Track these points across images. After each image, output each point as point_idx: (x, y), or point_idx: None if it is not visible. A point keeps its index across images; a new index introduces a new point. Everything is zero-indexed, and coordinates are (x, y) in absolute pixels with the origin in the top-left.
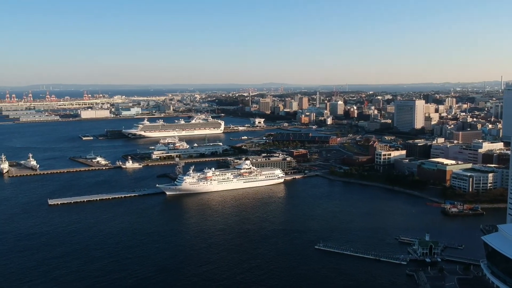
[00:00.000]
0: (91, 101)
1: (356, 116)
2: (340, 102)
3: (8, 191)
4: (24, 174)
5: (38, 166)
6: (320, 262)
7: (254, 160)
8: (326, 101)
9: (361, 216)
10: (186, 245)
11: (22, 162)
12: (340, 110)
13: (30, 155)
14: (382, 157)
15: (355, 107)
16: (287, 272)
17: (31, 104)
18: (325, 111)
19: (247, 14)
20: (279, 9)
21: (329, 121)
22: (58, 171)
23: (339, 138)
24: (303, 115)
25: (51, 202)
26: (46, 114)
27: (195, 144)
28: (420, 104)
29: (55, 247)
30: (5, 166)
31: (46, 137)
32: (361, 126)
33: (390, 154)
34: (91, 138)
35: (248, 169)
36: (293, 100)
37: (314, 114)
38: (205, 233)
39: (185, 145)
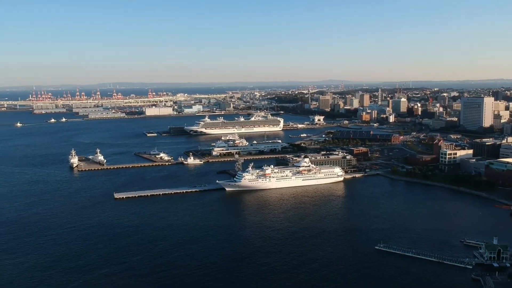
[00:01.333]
0: (155, 98)
1: (420, 113)
2: (403, 99)
3: (77, 184)
4: (92, 168)
5: (105, 161)
6: (381, 263)
7: (313, 158)
8: (388, 98)
9: (424, 217)
10: (246, 241)
11: (90, 157)
12: (403, 108)
13: (98, 150)
14: (447, 156)
15: (419, 105)
16: (347, 271)
17: (99, 102)
18: (387, 109)
19: (306, 12)
20: (339, 6)
21: (392, 118)
22: (124, 166)
23: (401, 137)
24: (364, 113)
25: (117, 195)
26: (113, 111)
27: (254, 141)
28: (489, 101)
29: (123, 238)
30: (75, 160)
31: (113, 133)
32: (425, 124)
33: (455, 154)
34: (155, 134)
35: (307, 166)
36: (353, 97)
37: (376, 111)
38: (264, 229)
39: (244, 142)
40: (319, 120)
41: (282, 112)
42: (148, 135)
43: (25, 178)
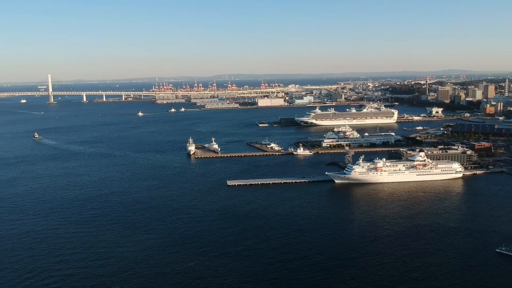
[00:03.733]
0: (268, 90)
1: None
2: None
3: (194, 170)
4: (207, 156)
5: (219, 149)
6: (501, 268)
7: (429, 152)
8: None
9: None
10: (356, 234)
11: (206, 145)
12: None
13: (213, 139)
14: None
15: None
16: (463, 273)
17: (215, 93)
18: None
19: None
20: None
21: None
22: (236, 155)
23: None
24: (488, 105)
25: (229, 183)
26: (228, 102)
27: (366, 134)
28: None
29: (235, 224)
30: (192, 148)
31: (227, 123)
32: None
33: None
34: (266, 125)
35: (422, 161)
36: (476, 88)
37: (502, 103)
38: (374, 224)
39: (355, 134)
40: (437, 112)
41: (396, 103)
42: (260, 125)
43: (148, 163)
